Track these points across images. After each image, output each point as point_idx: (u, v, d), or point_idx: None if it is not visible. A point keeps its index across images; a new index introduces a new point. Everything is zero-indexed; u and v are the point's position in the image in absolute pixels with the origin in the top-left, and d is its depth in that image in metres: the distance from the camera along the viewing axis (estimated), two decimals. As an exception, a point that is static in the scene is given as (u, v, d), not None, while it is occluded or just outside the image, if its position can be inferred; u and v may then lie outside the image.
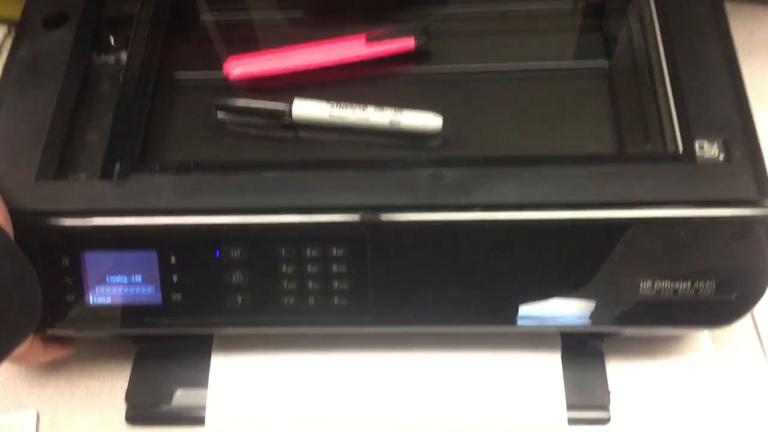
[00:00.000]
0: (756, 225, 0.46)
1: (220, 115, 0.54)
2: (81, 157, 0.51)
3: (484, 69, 0.57)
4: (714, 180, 0.47)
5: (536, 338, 0.55)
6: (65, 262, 0.49)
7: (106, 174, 0.49)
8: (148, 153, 0.53)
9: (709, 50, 0.52)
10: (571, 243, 0.47)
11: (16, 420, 0.56)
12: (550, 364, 0.55)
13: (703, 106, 0.49)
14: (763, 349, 0.57)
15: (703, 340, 0.58)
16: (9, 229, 0.45)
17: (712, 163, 0.48)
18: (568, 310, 0.49)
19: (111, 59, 0.57)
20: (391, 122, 0.52)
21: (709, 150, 0.48)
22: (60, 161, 0.50)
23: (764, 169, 0.47)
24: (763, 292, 0.47)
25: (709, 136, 0.48)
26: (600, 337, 0.56)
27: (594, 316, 0.49)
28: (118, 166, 0.50)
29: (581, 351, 0.55)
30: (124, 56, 0.57)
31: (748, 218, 0.46)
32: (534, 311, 0.49)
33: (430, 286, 0.49)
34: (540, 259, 0.48)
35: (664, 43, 0.53)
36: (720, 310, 0.48)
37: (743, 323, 0.58)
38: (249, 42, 0.59)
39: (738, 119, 0.49)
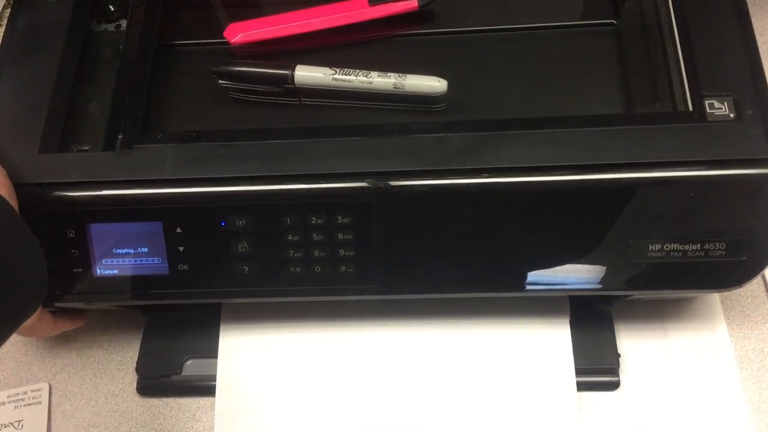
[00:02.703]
0: (767, 184, 0.45)
1: (222, 82, 0.53)
2: (83, 127, 0.51)
3: (490, 29, 0.55)
4: (724, 139, 0.46)
5: (545, 303, 0.55)
6: (71, 234, 0.48)
7: (109, 145, 0.49)
8: (151, 122, 0.53)
9: (719, 6, 0.50)
10: (580, 205, 0.47)
11: (29, 392, 0.56)
12: (558, 328, 0.55)
13: (713, 63, 0.48)
14: (774, 310, 0.57)
15: (713, 302, 0.57)
16: (14, 202, 0.45)
17: (722, 122, 0.47)
18: (577, 273, 0.48)
19: (111, 27, 0.56)
20: (395, 86, 0.51)
21: (719, 108, 0.47)
22: (62, 133, 0.50)
23: (775, 126, 0.46)
24: (773, 254, 0.47)
25: (720, 95, 0.47)
26: (609, 300, 0.56)
27: (603, 279, 0.48)
28: (120, 136, 0.49)
29: (590, 315, 0.55)
30: (124, 24, 0.56)
31: (759, 177, 0.45)
32: (542, 276, 0.48)
33: (437, 253, 0.48)
34: (548, 222, 0.47)
35: (673, 0, 0.51)
36: (730, 271, 0.47)
37: (753, 285, 0.57)
38: (250, 7, 0.58)
39: (749, 77, 0.48)
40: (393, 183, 0.47)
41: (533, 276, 0.48)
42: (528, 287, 0.49)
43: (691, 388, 0.54)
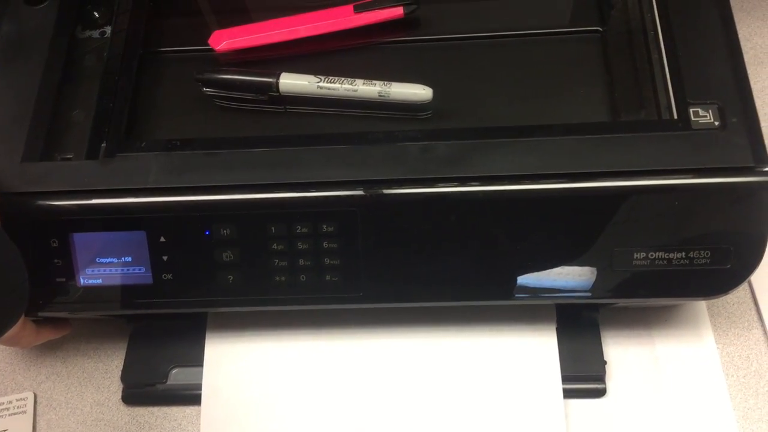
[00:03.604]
0: (751, 192, 0.45)
1: (207, 89, 0.53)
2: (67, 135, 0.50)
3: (475, 35, 0.55)
4: (709, 147, 0.46)
5: (531, 311, 0.55)
6: (54, 243, 0.48)
7: (93, 153, 0.49)
8: (135, 130, 0.52)
9: (704, 14, 0.50)
10: (565, 214, 0.47)
11: (14, 401, 0.56)
12: (544, 336, 0.55)
13: (698, 71, 0.48)
14: (761, 318, 0.56)
15: (699, 310, 0.57)
16: None
17: (707, 130, 0.47)
18: (563, 282, 0.48)
19: (95, 34, 0.56)
20: (380, 94, 0.51)
21: (704, 116, 0.47)
22: (46, 141, 0.49)
23: (760, 135, 0.46)
24: (759, 261, 0.47)
25: (705, 102, 0.47)
26: (595, 308, 0.56)
27: (588, 287, 0.48)
28: (104, 144, 0.49)
29: (576, 323, 0.55)
30: (108, 31, 0.55)
31: (743, 185, 0.45)
32: (528, 284, 0.48)
33: (423, 261, 0.48)
34: (533, 231, 0.47)
35: (659, 7, 0.51)
36: (716, 279, 0.48)
37: (740, 292, 0.58)
38: (234, 14, 0.58)
39: (734, 85, 0.48)
40: (378, 191, 0.47)
41: (519, 284, 0.48)
42: (514, 296, 0.49)
43: (677, 395, 0.54)
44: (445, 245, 0.48)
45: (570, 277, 0.48)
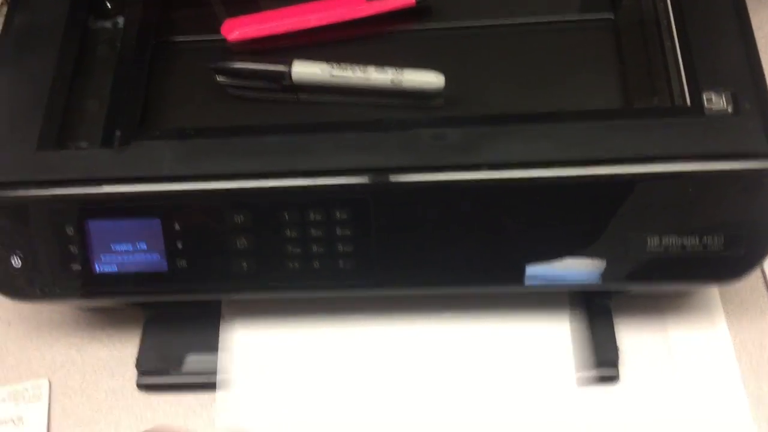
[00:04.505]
0: (765, 178, 0.45)
1: (220, 78, 0.53)
2: (81, 124, 0.51)
3: (487, 24, 0.55)
4: (722, 133, 0.46)
5: (544, 298, 0.55)
6: (70, 231, 0.48)
7: (107, 141, 0.49)
8: (149, 119, 0.53)
9: (717, 0, 0.50)
10: (578, 200, 0.47)
11: (29, 388, 0.56)
12: (558, 323, 0.55)
13: (711, 57, 0.48)
14: (774, 303, 0.57)
15: (712, 296, 0.57)
16: None
17: (720, 116, 0.47)
18: (576, 268, 0.48)
19: (108, 24, 0.56)
20: (392, 82, 0.51)
21: (717, 102, 0.47)
22: (60, 130, 0.50)
23: (774, 120, 0.46)
24: (771, 247, 0.47)
25: (718, 89, 0.47)
26: (608, 294, 0.56)
27: (601, 274, 0.48)
28: (118, 133, 0.49)
29: (589, 309, 0.55)
30: (121, 21, 0.56)
31: (757, 171, 0.45)
32: (541, 271, 0.48)
33: (436, 248, 0.48)
34: (546, 217, 0.47)
35: (671, -7, 0.51)
36: (729, 265, 0.48)
37: (752, 279, 0.57)
38: (247, 3, 0.58)
39: (747, 70, 0.48)
40: (391, 178, 0.47)
41: (531, 271, 0.48)
42: (526, 282, 0.49)
43: (690, 381, 0.54)
44: (457, 232, 0.48)
45: (583, 263, 0.48)
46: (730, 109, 0.47)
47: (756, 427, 0.51)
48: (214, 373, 0.55)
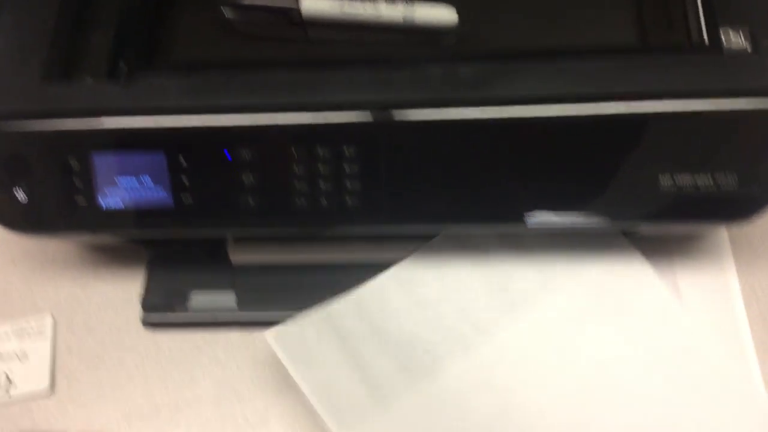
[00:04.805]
0: (782, 117, 0.45)
1: (228, 12, 0.52)
2: (87, 56, 0.49)
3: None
4: (739, 70, 0.45)
5: (554, 241, 0.55)
6: (74, 164, 0.48)
7: (113, 74, 0.48)
8: (155, 52, 0.51)
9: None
10: (591, 138, 0.46)
11: (33, 323, 0.56)
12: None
13: (730, -8, 0.47)
14: (783, 249, 0.56)
15: (721, 241, 0.57)
16: None
17: (738, 54, 0.46)
18: (587, 207, 0.48)
19: (114, -46, 0.54)
20: (404, 18, 0.50)
21: (735, 40, 0.46)
22: (66, 61, 0.49)
23: (792, 59, 0.45)
24: (787, 187, 0.46)
25: (736, 26, 0.46)
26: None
27: (613, 212, 0.48)
28: (124, 65, 0.48)
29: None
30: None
31: (773, 110, 0.45)
32: (551, 210, 0.48)
33: (444, 185, 0.48)
34: (558, 155, 0.47)
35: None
36: (741, 204, 0.47)
37: (763, 223, 0.57)
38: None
39: (766, 8, 0.47)
40: (400, 114, 0.46)
41: (541, 210, 0.48)
42: (535, 222, 0.48)
43: (697, 326, 0.53)
44: (466, 169, 0.47)
45: (595, 202, 0.47)
46: (748, 47, 0.46)
47: (761, 371, 0.51)
48: (218, 310, 0.55)
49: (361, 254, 0.56)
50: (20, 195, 0.48)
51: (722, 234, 0.57)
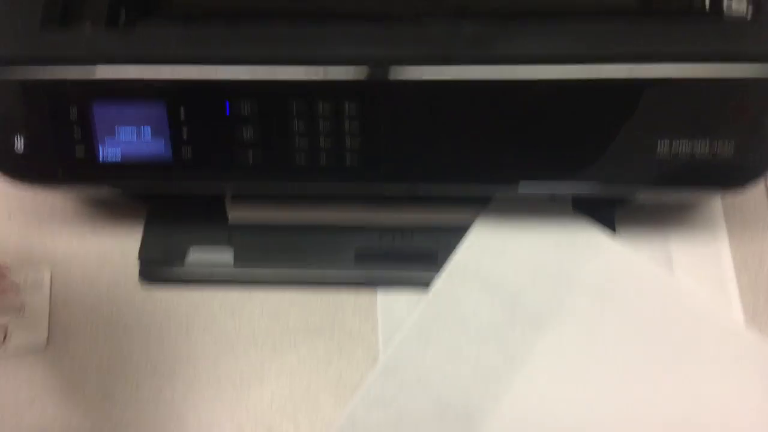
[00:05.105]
0: (780, 84, 0.45)
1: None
2: (86, 3, 0.49)
3: None
4: (740, 37, 0.45)
5: (546, 206, 0.56)
6: (73, 113, 0.48)
7: (113, 21, 0.48)
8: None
9: None
10: (588, 101, 0.46)
11: (31, 277, 0.56)
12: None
13: (733, -43, 0.47)
14: (776, 220, 0.57)
15: (715, 210, 0.57)
16: None
17: (739, 20, 0.46)
18: (583, 171, 0.48)
19: None
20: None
21: (737, 6, 0.46)
22: (64, 8, 0.48)
23: (794, 28, 0.45)
24: (781, 154, 0.47)
25: (738, -10, 0.46)
26: (612, 204, 0.56)
27: (609, 177, 0.48)
28: (124, 13, 0.48)
29: (593, 221, 0.55)
30: None
31: (772, 77, 0.45)
32: (547, 173, 0.48)
33: (444, 145, 0.48)
34: (555, 117, 0.47)
35: None
36: (737, 172, 0.47)
37: (756, 194, 0.58)
38: None
39: (770, -27, 0.47)
40: (401, 70, 0.46)
41: (538, 173, 0.48)
42: (533, 184, 0.49)
43: (689, 294, 0.54)
44: (467, 129, 0.47)
45: (591, 166, 0.48)
46: (749, 14, 0.46)
47: (749, 338, 0.52)
48: (217, 265, 0.55)
49: (359, 214, 0.56)
50: (18, 144, 0.48)
51: (715, 204, 0.57)
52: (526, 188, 0.49)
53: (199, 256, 0.56)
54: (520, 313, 0.53)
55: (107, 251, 0.58)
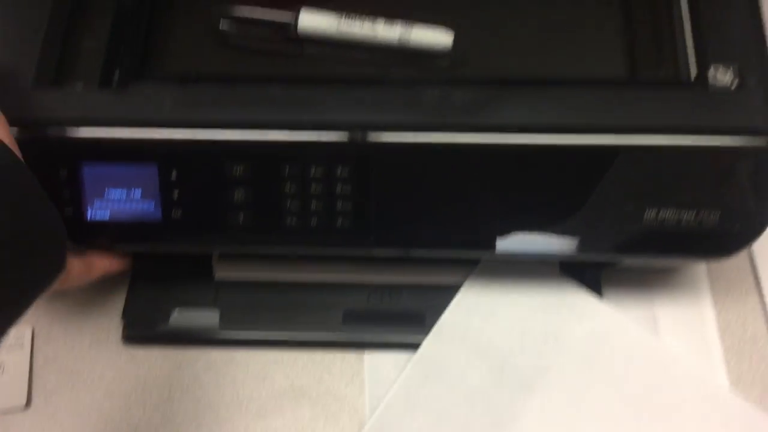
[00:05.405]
0: (765, 155, 0.46)
1: (224, 24, 0.52)
2: (79, 63, 0.49)
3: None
4: (726, 108, 0.46)
5: (534, 267, 0.56)
6: (63, 174, 0.47)
7: (106, 82, 0.48)
8: (149, 61, 0.51)
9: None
10: (577, 167, 0.47)
11: (12, 335, 0.55)
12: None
13: (718, 31, 0.48)
14: (758, 285, 0.57)
15: (699, 275, 0.58)
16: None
17: (724, 91, 0.47)
18: (571, 236, 0.48)
19: (111, -40, 0.54)
20: (399, 40, 0.50)
21: (722, 77, 0.47)
22: (58, 67, 0.48)
23: (778, 99, 0.47)
24: (766, 225, 0.47)
25: (724, 62, 0.47)
26: (599, 267, 0.56)
27: (596, 243, 0.48)
28: (117, 74, 0.48)
29: (580, 282, 0.56)
30: (124, -44, 0.54)
31: (757, 148, 0.46)
32: (536, 238, 0.48)
33: (433, 209, 0.48)
34: (545, 184, 0.47)
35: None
36: (722, 241, 0.48)
37: (740, 258, 0.58)
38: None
39: (753, 47, 0.48)
40: (393, 136, 0.46)
41: (527, 237, 0.48)
42: (521, 248, 0.49)
43: (674, 357, 0.54)
44: (455, 195, 0.48)
45: (579, 231, 0.48)
46: (734, 85, 0.47)
47: (734, 403, 0.52)
48: (201, 328, 0.54)
49: (348, 275, 0.56)
50: (6, 203, 0.47)
51: (700, 268, 0.58)
52: (515, 252, 0.49)
53: (184, 317, 0.55)
54: (507, 375, 0.53)
55: (91, 309, 0.57)
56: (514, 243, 0.48)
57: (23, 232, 0.40)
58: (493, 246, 0.49)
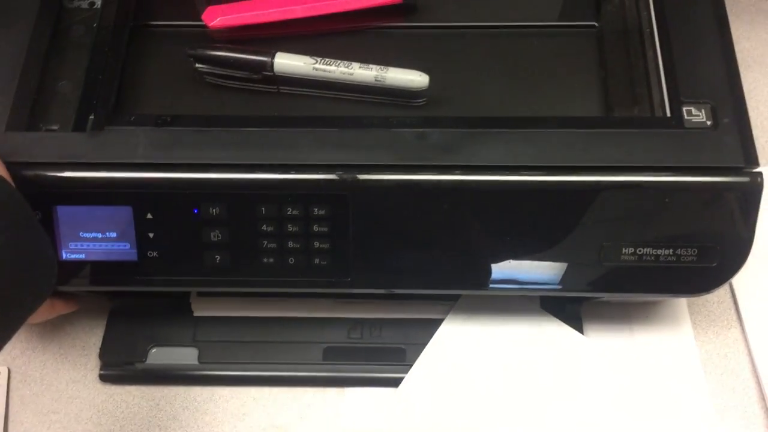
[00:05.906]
0: (740, 192, 0.46)
1: (199, 66, 0.52)
2: (53, 106, 0.49)
3: (472, 25, 0.55)
4: (700, 146, 0.46)
5: (515, 300, 0.56)
6: (37, 216, 0.47)
7: (80, 125, 0.48)
8: (124, 104, 0.51)
9: (699, 13, 0.51)
10: (555, 206, 0.47)
11: (-13, 375, 0.55)
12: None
13: (692, 70, 0.48)
14: (739, 317, 0.57)
15: (680, 308, 0.58)
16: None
17: (699, 129, 0.47)
18: (550, 274, 0.48)
19: (85, 4, 0.54)
20: (375, 79, 0.50)
21: (696, 115, 0.47)
22: (31, 111, 0.48)
23: (751, 136, 0.47)
24: (744, 260, 0.48)
25: (698, 101, 0.48)
26: (579, 301, 0.56)
27: (575, 281, 0.48)
28: (92, 117, 0.48)
29: (559, 314, 0.56)
30: (98, 1, 0.54)
31: (732, 185, 0.46)
32: (515, 275, 0.48)
33: (411, 248, 0.48)
34: (523, 222, 0.47)
35: (655, 4, 0.52)
36: (701, 277, 0.48)
37: (720, 291, 0.58)
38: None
39: (727, 85, 0.48)
40: (370, 176, 0.46)
41: (506, 275, 0.48)
42: (501, 286, 0.49)
43: (656, 391, 0.54)
44: (432, 234, 0.48)
45: (557, 269, 0.48)
46: (709, 123, 0.47)
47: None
48: (178, 366, 0.54)
49: (327, 311, 0.56)
50: (-21, 245, 0.47)
51: (681, 301, 0.58)
52: (494, 288, 0.49)
53: (161, 354, 0.55)
54: (489, 409, 0.52)
55: (67, 348, 0.56)
56: (493, 280, 0.48)
57: (19, 256, 0.41)
58: (471, 284, 0.49)
